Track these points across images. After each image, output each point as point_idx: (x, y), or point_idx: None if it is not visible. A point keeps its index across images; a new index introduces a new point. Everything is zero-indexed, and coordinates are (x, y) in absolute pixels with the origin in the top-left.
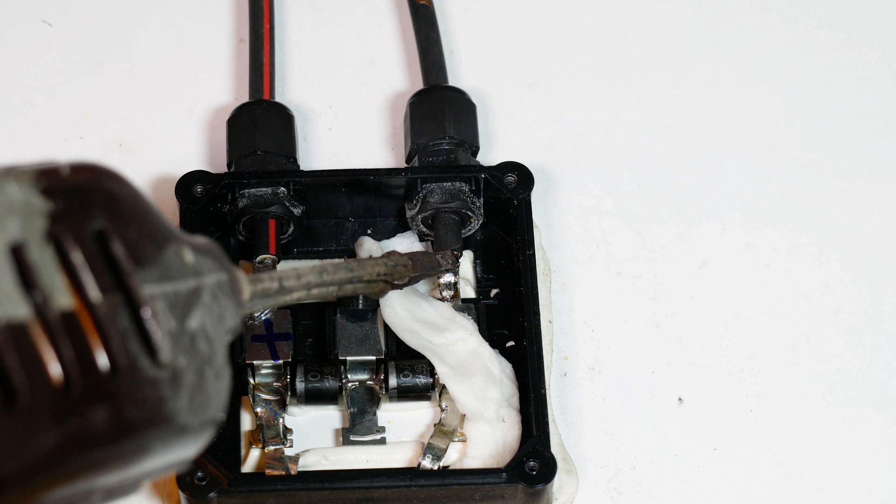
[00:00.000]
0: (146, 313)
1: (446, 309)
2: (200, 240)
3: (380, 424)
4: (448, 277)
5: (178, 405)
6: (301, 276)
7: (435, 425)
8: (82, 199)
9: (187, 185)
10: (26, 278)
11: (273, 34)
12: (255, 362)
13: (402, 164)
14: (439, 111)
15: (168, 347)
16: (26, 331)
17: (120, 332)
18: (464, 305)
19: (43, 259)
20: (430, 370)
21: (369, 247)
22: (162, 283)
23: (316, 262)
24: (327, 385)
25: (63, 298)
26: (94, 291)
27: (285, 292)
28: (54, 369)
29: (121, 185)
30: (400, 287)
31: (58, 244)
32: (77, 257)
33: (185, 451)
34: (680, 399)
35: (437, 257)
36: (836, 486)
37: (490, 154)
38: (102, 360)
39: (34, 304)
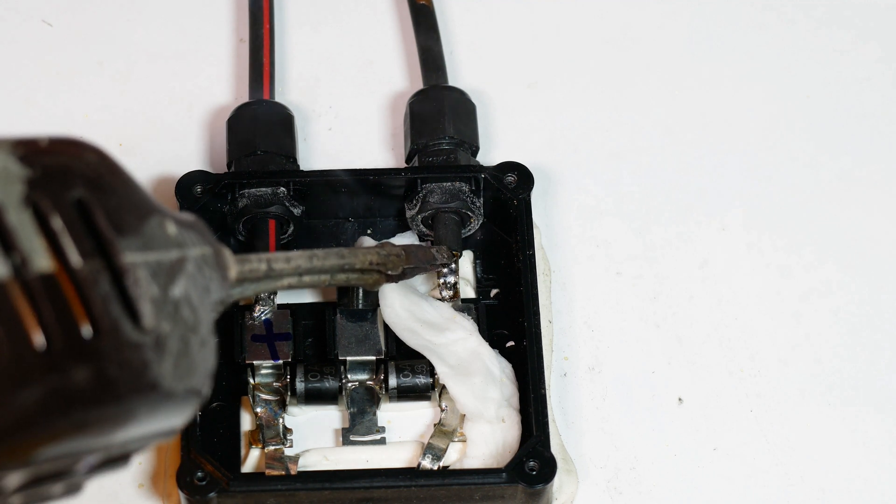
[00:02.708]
0: (128, 278)
1: (446, 309)
2: (185, 215)
3: (380, 424)
4: (448, 277)
5: (162, 370)
6: (290, 260)
7: (435, 425)
8: (62, 169)
9: (187, 185)
10: (3, 240)
11: (273, 34)
12: (255, 362)
13: (402, 164)
14: (439, 111)
15: (151, 313)
16: (4, 290)
17: (101, 295)
18: (464, 305)
19: (21, 222)
20: (430, 370)
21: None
22: (144, 251)
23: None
24: (327, 385)
25: (42, 261)
26: (74, 256)
27: (274, 275)
28: (33, 327)
29: (101, 158)
30: (394, 279)
31: (36, 209)
32: (56, 222)
33: (171, 419)
34: (680, 399)
35: (432, 251)
36: (836, 486)
37: (490, 154)
38: (83, 320)
39: (12, 266)
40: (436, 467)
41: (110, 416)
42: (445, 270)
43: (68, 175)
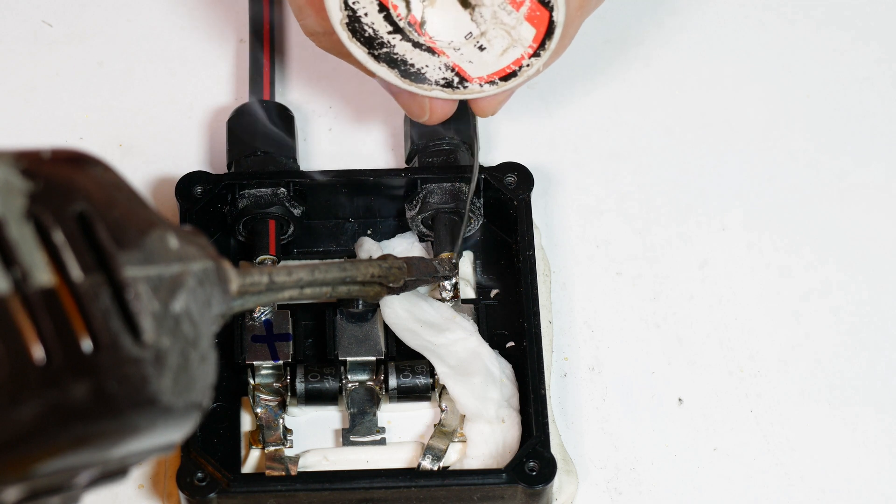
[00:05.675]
0: (129, 293)
1: (446, 309)
2: (187, 229)
3: (380, 425)
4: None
5: (161, 385)
6: (292, 273)
7: (435, 426)
8: (64, 182)
9: (187, 185)
10: (4, 254)
11: (273, 34)
12: (255, 363)
13: (402, 165)
14: None
15: (151, 328)
16: (4, 304)
17: (101, 310)
18: (464, 306)
19: (22, 236)
20: (430, 371)
21: (369, 247)
22: (145, 266)
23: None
24: (327, 386)
25: (43, 275)
26: (75, 270)
27: (276, 288)
28: (33, 342)
29: (103, 171)
30: (396, 291)
31: (38, 223)
32: (58, 236)
33: (171, 433)
34: (680, 399)
35: (434, 263)
36: (836, 486)
37: (490, 154)
38: (83, 335)
39: (13, 280)
40: (436, 468)
41: (109, 431)
42: None
43: (70, 188)
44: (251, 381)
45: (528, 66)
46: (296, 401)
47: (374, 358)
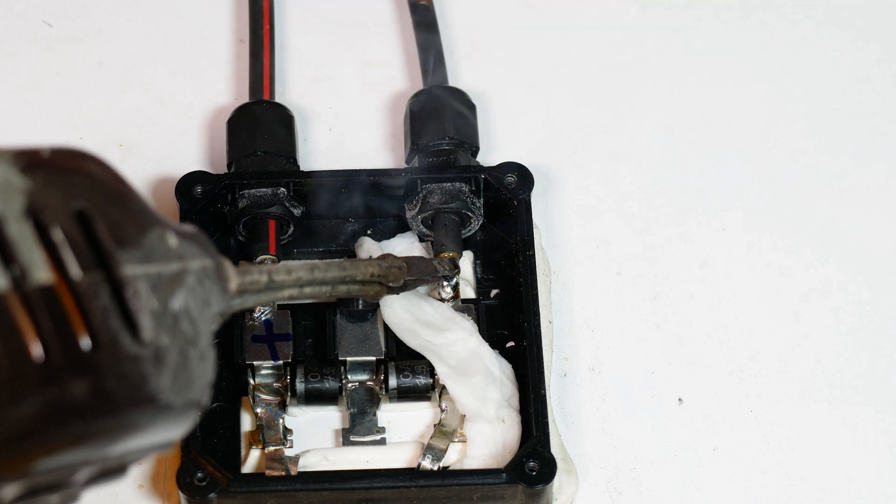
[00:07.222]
0: (128, 291)
1: (446, 309)
2: (186, 227)
3: (380, 425)
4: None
5: (160, 383)
6: (292, 272)
7: (435, 426)
8: (63, 180)
9: (187, 185)
10: (3, 252)
11: (273, 34)
12: (255, 363)
13: (402, 165)
14: (439, 111)
15: (150, 326)
16: (3, 302)
17: (100, 308)
18: (464, 305)
19: (21, 234)
20: (430, 371)
21: (369, 247)
22: (144, 264)
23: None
24: (327, 386)
25: (42, 273)
26: (74, 268)
27: (275, 287)
28: (32, 340)
29: (103, 169)
30: (396, 291)
31: (37, 221)
32: (57, 234)
33: (170, 431)
34: (680, 399)
35: (433, 263)
36: (836, 485)
37: (490, 154)
38: (82, 333)
39: (11, 277)
40: (436, 468)
41: (108, 429)
42: None
43: (69, 186)
44: (251, 381)
45: None
46: (296, 401)
47: (374, 358)
